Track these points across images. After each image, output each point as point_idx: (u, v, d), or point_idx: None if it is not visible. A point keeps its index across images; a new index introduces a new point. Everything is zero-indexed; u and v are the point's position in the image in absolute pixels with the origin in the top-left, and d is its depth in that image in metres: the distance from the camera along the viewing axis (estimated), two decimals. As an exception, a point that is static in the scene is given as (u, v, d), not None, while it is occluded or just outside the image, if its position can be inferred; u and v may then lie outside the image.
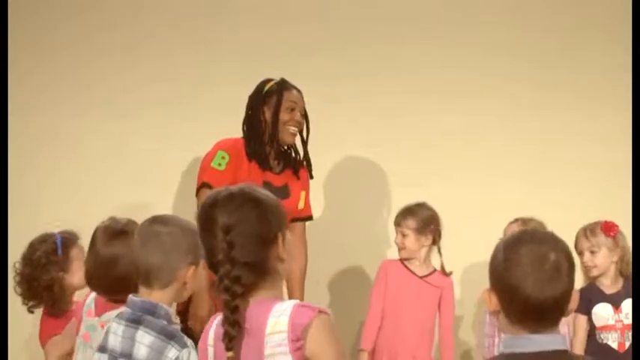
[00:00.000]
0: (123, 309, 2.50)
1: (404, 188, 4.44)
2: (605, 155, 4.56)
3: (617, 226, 3.85)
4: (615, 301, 3.78)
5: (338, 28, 4.60)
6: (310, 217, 3.98)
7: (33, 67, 4.44)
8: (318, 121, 4.42)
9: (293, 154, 3.89)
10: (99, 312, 2.79)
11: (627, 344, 3.76)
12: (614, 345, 3.76)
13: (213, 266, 2.04)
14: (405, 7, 4.65)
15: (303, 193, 3.91)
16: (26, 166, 4.36)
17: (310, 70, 4.47)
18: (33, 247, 3.29)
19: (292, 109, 3.79)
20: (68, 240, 3.29)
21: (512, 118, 4.61)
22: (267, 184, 3.66)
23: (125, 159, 4.42)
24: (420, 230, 3.94)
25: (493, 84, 4.61)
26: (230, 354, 1.97)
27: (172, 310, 2.48)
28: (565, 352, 1.94)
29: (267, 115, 3.77)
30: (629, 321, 3.76)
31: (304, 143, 3.89)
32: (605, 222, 3.84)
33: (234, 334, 1.97)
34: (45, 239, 3.30)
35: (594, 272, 3.80)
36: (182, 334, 2.42)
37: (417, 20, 4.64)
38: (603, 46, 4.58)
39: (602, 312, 3.76)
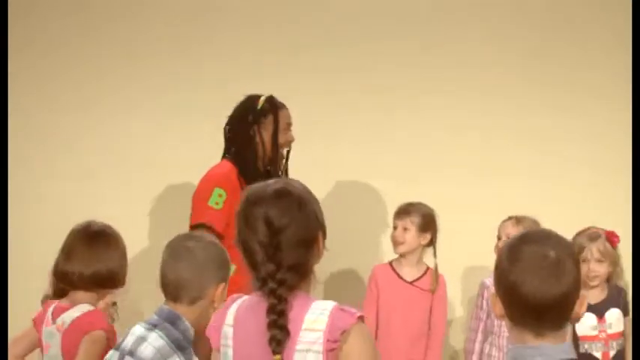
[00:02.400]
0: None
1: (401, 186, 4.43)
2: (604, 154, 4.55)
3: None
4: (599, 311, 3.76)
5: (336, 25, 4.59)
6: None
7: (30, 65, 4.44)
8: (314, 117, 4.42)
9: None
10: (55, 319, 2.83)
11: (612, 353, 3.76)
12: (598, 354, 3.76)
13: (252, 265, 2.03)
14: (402, 4, 4.64)
15: None
16: (24, 163, 4.36)
17: (307, 67, 4.47)
18: None
19: (288, 130, 3.64)
20: None
21: (511, 116, 4.59)
22: None
23: (123, 157, 4.42)
24: (422, 227, 3.87)
25: (492, 82, 4.58)
26: (277, 357, 1.95)
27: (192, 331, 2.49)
28: None
29: (265, 136, 3.59)
30: (612, 331, 3.77)
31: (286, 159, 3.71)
32: (610, 231, 3.85)
33: (281, 338, 1.95)
34: None
35: (595, 282, 3.78)
36: (192, 354, 2.46)
37: (415, 17, 4.62)
38: (603, 45, 4.57)
39: (586, 322, 3.74)
